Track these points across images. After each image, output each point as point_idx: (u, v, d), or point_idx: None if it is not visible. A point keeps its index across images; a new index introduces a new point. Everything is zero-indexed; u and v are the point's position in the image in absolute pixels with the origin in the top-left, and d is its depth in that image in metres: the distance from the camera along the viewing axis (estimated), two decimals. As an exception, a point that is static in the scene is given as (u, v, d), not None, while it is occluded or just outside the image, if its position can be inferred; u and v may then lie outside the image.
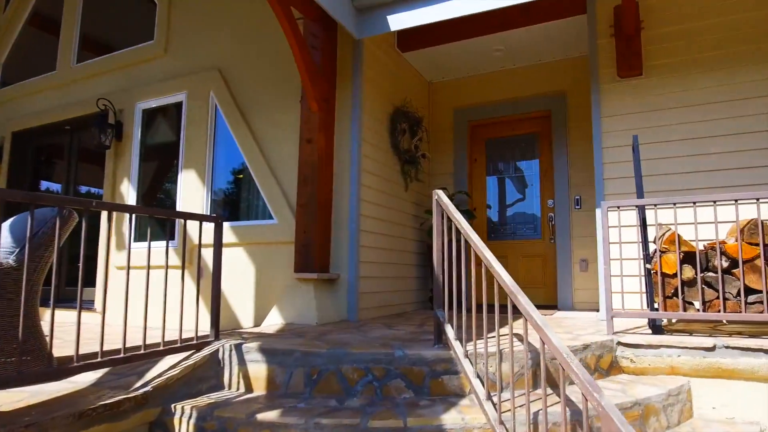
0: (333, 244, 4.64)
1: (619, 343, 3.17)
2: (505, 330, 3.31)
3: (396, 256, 5.38)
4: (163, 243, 5.21)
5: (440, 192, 3.11)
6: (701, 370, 2.98)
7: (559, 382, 2.80)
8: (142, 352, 2.82)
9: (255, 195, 5.10)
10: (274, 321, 4.42)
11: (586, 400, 1.75)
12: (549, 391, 2.72)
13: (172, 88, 5.61)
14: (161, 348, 2.93)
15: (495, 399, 2.44)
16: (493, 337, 2.92)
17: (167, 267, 2.93)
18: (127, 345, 2.79)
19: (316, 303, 4.34)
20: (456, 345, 2.76)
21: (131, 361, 2.80)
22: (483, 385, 2.48)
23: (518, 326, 2.42)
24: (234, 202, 5.33)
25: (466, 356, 2.68)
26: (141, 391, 2.65)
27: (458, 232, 2.82)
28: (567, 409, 1.92)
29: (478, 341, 2.70)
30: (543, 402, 2.03)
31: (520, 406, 2.38)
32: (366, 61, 4.86)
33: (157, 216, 2.98)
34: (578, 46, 5.49)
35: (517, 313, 2.28)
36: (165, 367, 2.94)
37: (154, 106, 5.81)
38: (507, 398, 2.55)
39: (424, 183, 6.17)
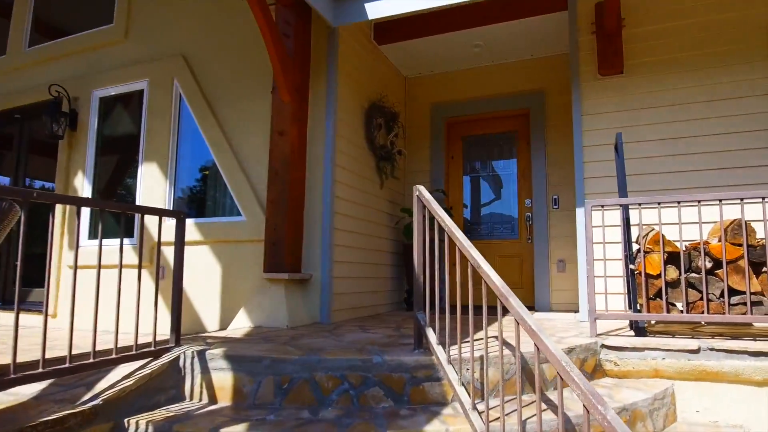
0: (305, 242, 4.41)
1: (603, 346, 3.08)
2: (486, 333, 3.17)
3: (370, 256, 5.19)
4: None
5: (421, 187, 2.94)
6: (685, 372, 2.92)
7: (553, 389, 2.68)
8: (91, 361, 2.53)
9: (222, 191, 4.82)
10: (241, 324, 4.16)
11: (588, 411, 1.60)
12: (534, 397, 2.59)
13: (132, 75, 5.26)
14: (114, 356, 2.64)
15: (480, 407, 2.28)
16: (480, 340, 2.78)
17: (121, 266, 2.65)
18: (80, 351, 2.50)
19: (287, 305, 4.10)
20: (438, 350, 2.59)
21: (79, 371, 2.51)
22: (468, 394, 2.32)
23: (501, 330, 2.27)
24: (200, 199, 5.03)
25: (449, 362, 2.52)
26: (89, 404, 2.37)
27: (441, 230, 2.66)
28: (561, 419, 1.78)
29: (463, 346, 2.54)
30: (537, 409, 1.88)
31: (506, 414, 2.23)
32: (341, 52, 4.65)
33: (111, 210, 2.69)
34: (557, 44, 5.43)
35: (500, 315, 2.13)
36: (118, 376, 2.66)
37: (112, 93, 5.44)
38: (493, 405, 2.40)
39: (400, 180, 6.00)
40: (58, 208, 5.36)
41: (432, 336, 2.70)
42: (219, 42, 4.95)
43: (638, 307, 3.24)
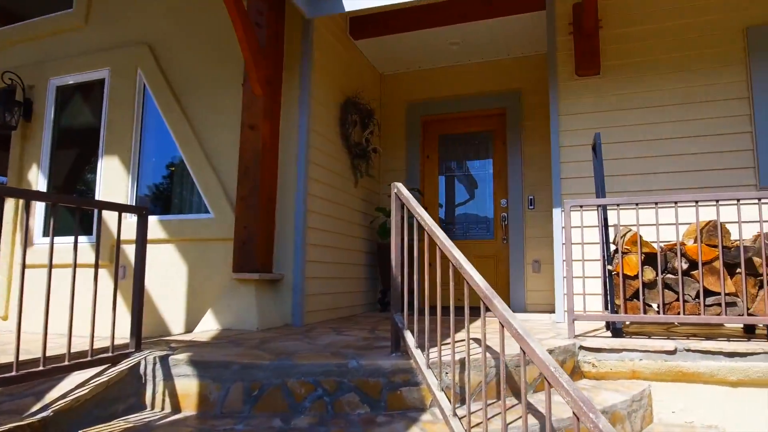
0: (276, 241, 4.24)
1: (582, 348, 3.05)
2: (468, 336, 3.09)
3: (344, 256, 5.05)
4: (81, 238, 4.59)
5: (399, 185, 2.83)
6: (662, 373, 2.91)
7: (533, 392, 2.62)
8: (40, 368, 2.32)
9: (189, 187, 4.60)
10: (208, 327, 3.97)
11: (578, 419, 1.53)
12: (514, 401, 2.53)
13: (92, 63, 4.98)
14: (66, 363, 2.44)
15: (459, 412, 2.19)
16: (462, 341, 2.69)
17: (75, 265, 2.44)
18: (31, 356, 2.29)
19: (257, 306, 3.93)
20: (417, 353, 2.48)
21: (27, 380, 2.29)
22: (448, 399, 2.22)
23: (484, 333, 2.18)
24: (165, 196, 4.79)
25: (428, 366, 2.42)
26: (39, 416, 2.17)
27: (420, 229, 2.56)
28: (549, 426, 1.70)
29: (443, 350, 2.44)
30: (524, 413, 1.80)
31: (490, 418, 2.15)
32: (316, 45, 4.50)
33: (64, 204, 2.48)
34: (535, 45, 5.42)
35: (483, 318, 2.04)
36: (72, 385, 2.46)
37: (71, 82, 5.13)
38: (474, 410, 2.32)
39: (375, 179, 5.89)
40: (10, 202, 5.02)
41: (410, 339, 2.59)
42: (187, 31, 4.72)
43: (615, 308, 3.23)
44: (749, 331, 3.31)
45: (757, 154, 3.85)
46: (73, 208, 2.50)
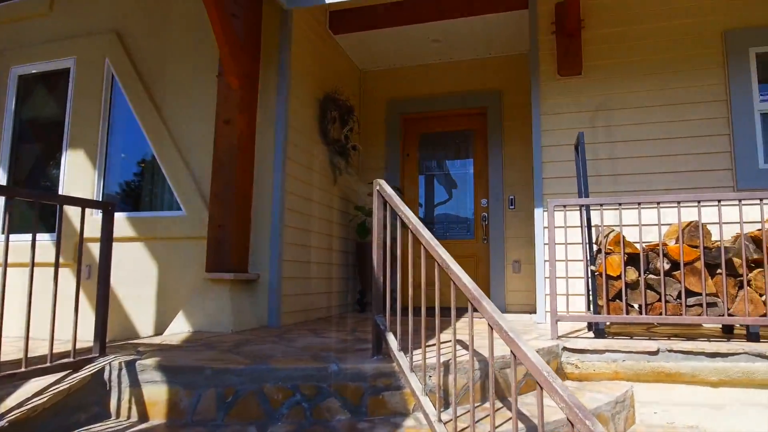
0: (252, 240, 4.09)
1: (565, 349, 3.01)
2: (455, 338, 3.02)
3: (322, 255, 4.93)
4: (43, 236, 4.35)
5: (382, 181, 2.73)
6: (644, 374, 2.90)
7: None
8: (-7, 376, 2.14)
9: (160, 183, 4.40)
10: (179, 329, 3.79)
11: (572, 425, 1.46)
12: (498, 404, 2.47)
13: (57, 51, 4.73)
14: (23, 370, 2.26)
15: (444, 416, 2.11)
16: (448, 343, 2.61)
17: (33, 263, 2.27)
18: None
19: (232, 307, 3.77)
20: (400, 357, 2.39)
21: (-23, 388, 2.12)
22: (433, 405, 2.14)
23: (472, 335, 2.10)
24: (135, 193, 4.58)
25: (412, 370, 2.33)
26: (-9, 427, 2.00)
27: (404, 227, 2.47)
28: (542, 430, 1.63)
29: (428, 353, 2.36)
30: (514, 417, 1.73)
31: (476, 422, 2.08)
32: (295, 38, 4.37)
33: (22, 198, 2.31)
34: (516, 43, 5.40)
35: (471, 319, 1.97)
36: (29, 393, 2.28)
37: (34, 72, 4.86)
38: (459, 414, 2.24)
39: (354, 177, 5.78)
40: (-34, 198, 4.73)
41: (393, 341, 2.50)
42: (159, 19, 4.52)
43: (598, 309, 3.21)
44: (728, 331, 3.34)
45: (735, 156, 3.90)
46: (32, 203, 2.33)
